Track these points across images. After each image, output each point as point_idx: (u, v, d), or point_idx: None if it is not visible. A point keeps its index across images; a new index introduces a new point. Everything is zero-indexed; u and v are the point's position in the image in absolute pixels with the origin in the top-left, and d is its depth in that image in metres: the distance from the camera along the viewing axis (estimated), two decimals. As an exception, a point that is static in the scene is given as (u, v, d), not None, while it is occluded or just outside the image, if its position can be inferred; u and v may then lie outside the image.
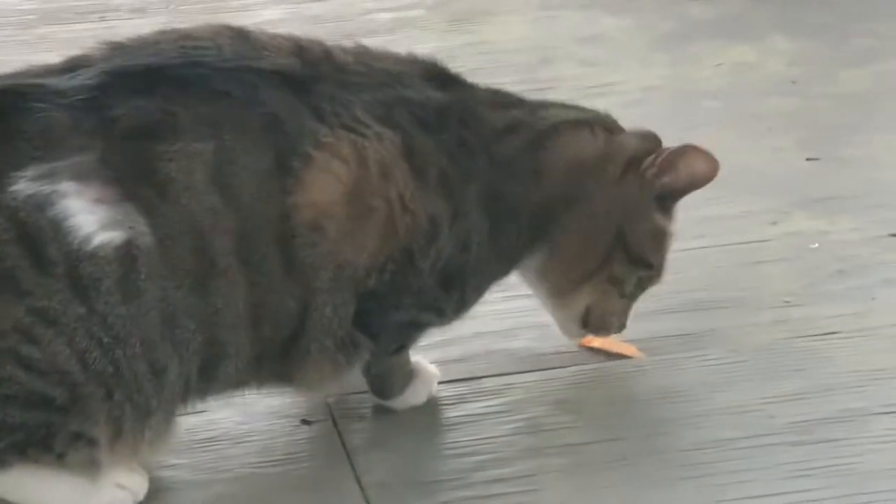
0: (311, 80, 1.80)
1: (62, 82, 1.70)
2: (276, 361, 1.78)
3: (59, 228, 1.63)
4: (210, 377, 1.72)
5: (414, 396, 1.91)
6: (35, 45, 2.96)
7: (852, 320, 2.05)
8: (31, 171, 1.63)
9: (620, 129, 1.94)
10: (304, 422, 1.88)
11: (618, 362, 1.97)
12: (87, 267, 1.64)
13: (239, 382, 1.79)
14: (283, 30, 1.92)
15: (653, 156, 1.89)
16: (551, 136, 1.89)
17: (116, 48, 1.78)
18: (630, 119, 2.02)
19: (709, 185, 2.16)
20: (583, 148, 1.91)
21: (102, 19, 3.10)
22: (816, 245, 2.26)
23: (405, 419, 1.89)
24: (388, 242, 1.77)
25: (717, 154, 2.24)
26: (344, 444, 1.83)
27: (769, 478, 1.76)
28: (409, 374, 1.91)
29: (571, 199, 1.89)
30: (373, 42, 1.90)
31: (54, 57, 1.87)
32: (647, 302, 2.07)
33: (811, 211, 2.34)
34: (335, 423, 1.88)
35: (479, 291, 1.91)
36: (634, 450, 1.80)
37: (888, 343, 2.00)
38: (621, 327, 1.96)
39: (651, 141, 1.94)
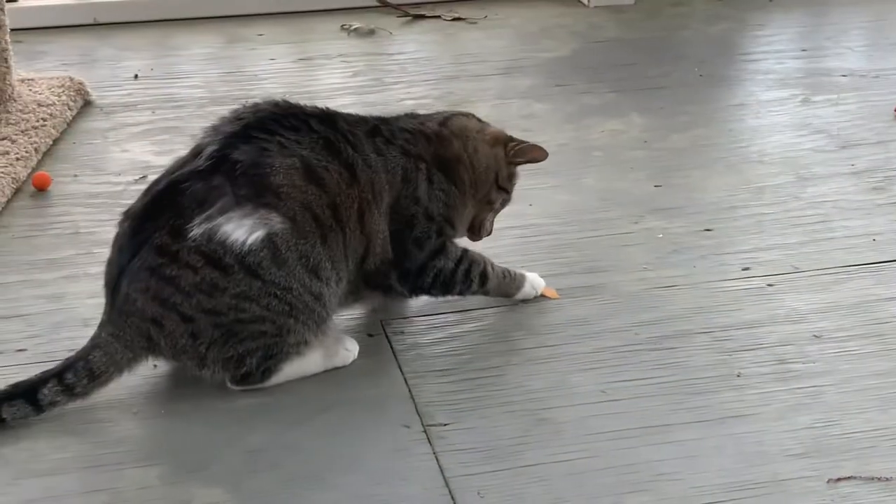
0: (333, 118, 2.11)
1: (195, 163, 2.00)
2: (355, 288, 2.15)
3: (225, 245, 1.93)
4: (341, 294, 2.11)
5: (531, 288, 2.32)
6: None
7: (683, 279, 2.48)
8: (196, 221, 1.94)
9: (482, 121, 2.28)
10: (369, 335, 2.27)
11: (549, 302, 2.38)
12: (250, 258, 1.96)
13: (348, 300, 2.18)
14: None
15: (514, 143, 2.27)
16: (447, 123, 2.25)
17: (212, 129, 2.08)
18: (553, 162, 2.50)
19: (598, 202, 2.69)
20: (469, 126, 2.26)
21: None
22: (661, 235, 2.66)
23: (428, 331, 2.27)
24: (396, 199, 2.15)
25: (601, 183, 2.72)
26: (392, 348, 2.24)
27: (636, 369, 2.18)
28: (518, 278, 2.27)
29: (464, 157, 2.22)
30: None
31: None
32: (563, 267, 2.50)
33: (657, 216, 2.72)
34: (386, 335, 2.28)
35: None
36: (552, 354, 2.22)
37: (704, 292, 2.43)
38: (490, 232, 2.33)
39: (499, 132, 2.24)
